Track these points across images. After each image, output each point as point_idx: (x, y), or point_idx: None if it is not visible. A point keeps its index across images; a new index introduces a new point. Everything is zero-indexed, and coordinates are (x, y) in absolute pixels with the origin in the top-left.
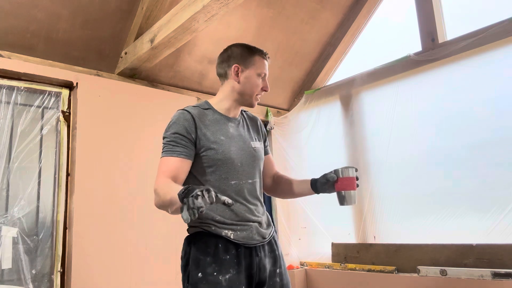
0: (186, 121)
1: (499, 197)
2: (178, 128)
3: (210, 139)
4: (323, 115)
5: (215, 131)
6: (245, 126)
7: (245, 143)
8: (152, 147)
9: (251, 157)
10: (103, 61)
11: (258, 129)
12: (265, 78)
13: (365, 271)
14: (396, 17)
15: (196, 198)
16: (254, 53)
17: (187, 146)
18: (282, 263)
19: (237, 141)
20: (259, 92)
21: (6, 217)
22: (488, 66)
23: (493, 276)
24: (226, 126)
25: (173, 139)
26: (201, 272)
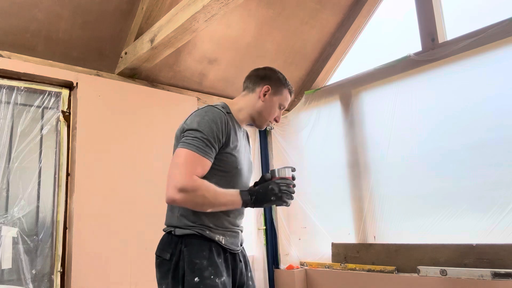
0: (222, 123)
1: (499, 197)
2: (216, 128)
3: (235, 146)
4: (323, 115)
5: (235, 138)
6: (245, 138)
7: (248, 155)
8: (151, 147)
9: (250, 169)
10: (103, 61)
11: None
12: (280, 112)
13: (365, 271)
14: (396, 17)
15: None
16: (286, 86)
17: (215, 149)
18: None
19: (244, 153)
20: (272, 120)
21: (6, 217)
22: (488, 66)
23: (493, 276)
24: (240, 136)
25: (207, 139)
26: (198, 276)
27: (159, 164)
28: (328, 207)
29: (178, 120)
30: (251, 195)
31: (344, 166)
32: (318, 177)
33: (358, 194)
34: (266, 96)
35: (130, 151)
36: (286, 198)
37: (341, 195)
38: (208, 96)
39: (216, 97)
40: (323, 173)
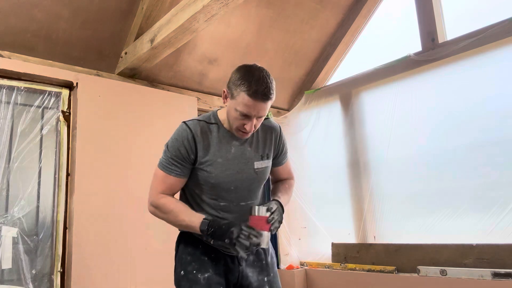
0: (187, 141)
1: (499, 197)
2: (179, 147)
3: (207, 161)
4: (323, 115)
5: (214, 151)
6: (253, 142)
7: (247, 165)
8: (152, 147)
9: (249, 180)
10: (103, 61)
11: (272, 142)
12: (250, 119)
13: (365, 271)
14: (396, 17)
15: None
16: (243, 87)
17: (184, 166)
18: (271, 271)
19: (236, 163)
20: (240, 128)
21: (6, 217)
22: (488, 66)
23: (493, 276)
24: (229, 146)
25: (172, 157)
26: (183, 270)
27: None
28: (328, 207)
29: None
30: (211, 227)
31: (344, 166)
32: (318, 177)
33: (358, 194)
34: (226, 101)
35: (130, 151)
36: (239, 247)
37: (341, 195)
38: (208, 96)
39: (216, 97)
40: (323, 173)
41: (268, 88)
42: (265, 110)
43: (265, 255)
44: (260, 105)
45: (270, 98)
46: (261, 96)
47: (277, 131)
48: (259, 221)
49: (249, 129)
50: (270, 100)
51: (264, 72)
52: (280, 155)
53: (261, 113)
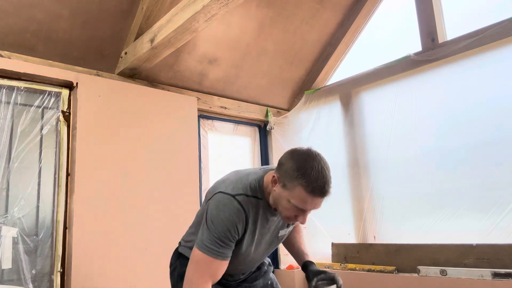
0: (240, 223)
1: (499, 197)
2: (230, 228)
3: (250, 240)
4: (323, 115)
5: (255, 229)
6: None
7: (275, 234)
8: (151, 146)
9: (270, 245)
10: (103, 61)
11: None
12: (305, 213)
13: (365, 271)
14: (396, 17)
15: None
16: (298, 179)
17: (231, 248)
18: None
19: (268, 237)
20: (291, 218)
21: (6, 217)
22: (488, 66)
23: (493, 276)
24: (267, 222)
25: (221, 240)
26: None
27: (159, 163)
28: (328, 207)
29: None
30: None
31: (344, 166)
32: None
33: (358, 194)
34: (275, 186)
35: (130, 151)
36: None
37: (341, 195)
38: (208, 96)
39: (216, 97)
40: None
41: (328, 183)
42: (321, 203)
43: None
44: (319, 200)
45: (329, 193)
46: (321, 193)
47: None
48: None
49: (302, 222)
50: (326, 196)
51: (322, 163)
52: None
53: (317, 207)
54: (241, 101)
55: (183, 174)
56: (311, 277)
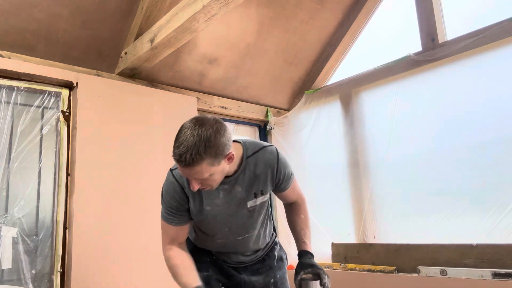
0: (177, 194)
1: (499, 197)
2: (170, 201)
3: (195, 210)
4: (323, 115)
5: (201, 200)
6: (245, 181)
7: (239, 206)
8: (151, 146)
9: (242, 220)
10: (103, 61)
11: (267, 176)
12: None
13: (365, 271)
14: (396, 17)
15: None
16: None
17: (181, 215)
18: (277, 273)
19: (227, 207)
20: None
21: (6, 217)
22: (488, 66)
23: (493, 276)
24: (217, 191)
25: (167, 209)
26: None
27: (159, 163)
28: (328, 207)
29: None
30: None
31: (344, 166)
32: (318, 177)
33: (358, 194)
34: None
35: (130, 151)
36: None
37: (341, 195)
38: (208, 96)
39: (216, 97)
40: (323, 173)
41: (189, 153)
42: (197, 174)
43: (270, 260)
44: (185, 170)
45: (192, 164)
46: (182, 164)
47: (273, 163)
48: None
49: (193, 189)
50: (194, 165)
51: (191, 132)
52: (282, 183)
53: (195, 177)
54: (241, 101)
55: None
56: (298, 271)
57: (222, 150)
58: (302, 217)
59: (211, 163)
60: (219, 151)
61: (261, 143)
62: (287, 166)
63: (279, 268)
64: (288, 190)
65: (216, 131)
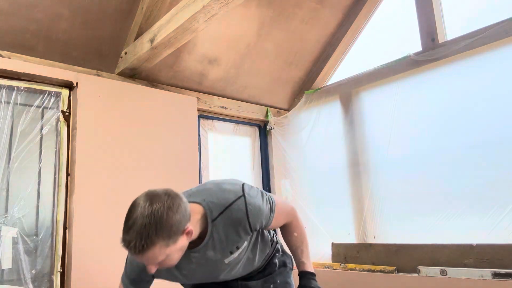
0: (138, 267)
1: (499, 197)
2: (131, 272)
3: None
4: (323, 115)
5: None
6: (216, 245)
7: (216, 266)
8: (151, 146)
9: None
10: (103, 61)
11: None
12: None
13: (365, 271)
14: (396, 17)
15: None
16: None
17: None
18: (278, 278)
19: (204, 270)
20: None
21: (6, 217)
22: (488, 66)
23: (493, 276)
24: (188, 259)
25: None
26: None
27: (158, 163)
28: (328, 207)
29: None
30: None
31: (344, 166)
32: (318, 177)
33: (358, 194)
34: None
35: (130, 151)
36: None
37: (341, 195)
38: (208, 96)
39: (216, 97)
40: (323, 173)
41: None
42: (151, 260)
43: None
44: (138, 257)
45: (143, 251)
46: (131, 252)
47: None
48: None
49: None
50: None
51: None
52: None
53: (150, 263)
54: (241, 101)
55: (183, 174)
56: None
57: (177, 229)
58: (295, 235)
59: (166, 245)
60: (173, 230)
61: (226, 199)
62: (261, 214)
63: (281, 273)
64: (275, 221)
65: (168, 208)
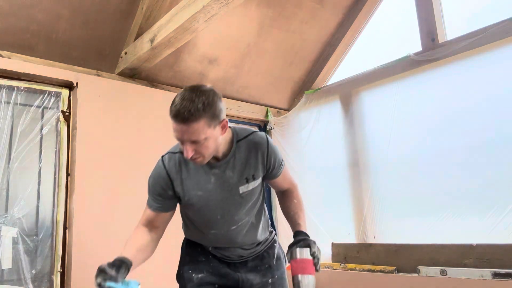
0: (161, 178)
1: (499, 197)
2: (155, 185)
3: (187, 195)
4: (323, 115)
5: (192, 186)
6: (236, 165)
7: (231, 192)
8: (152, 146)
9: (235, 206)
10: (103, 61)
11: (258, 160)
12: (185, 145)
13: (365, 271)
14: (396, 17)
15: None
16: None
17: (163, 202)
18: (275, 273)
19: (219, 193)
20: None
21: (6, 217)
22: (488, 66)
23: (493, 276)
24: (208, 176)
25: (151, 193)
26: (181, 269)
27: None
28: (328, 207)
29: None
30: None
31: (344, 166)
32: (318, 177)
33: (358, 194)
34: None
35: (130, 151)
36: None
37: (341, 195)
38: None
39: None
40: (323, 173)
41: (187, 108)
42: (194, 133)
43: (269, 257)
44: (182, 127)
45: (190, 119)
46: (180, 119)
47: (263, 147)
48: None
49: (186, 156)
50: (192, 121)
51: (189, 92)
52: (273, 170)
53: (191, 138)
54: (241, 101)
55: None
56: (291, 245)
57: (219, 114)
58: (295, 202)
59: (208, 124)
60: (217, 112)
61: (250, 129)
62: (278, 153)
63: (278, 268)
64: (279, 177)
65: (214, 94)
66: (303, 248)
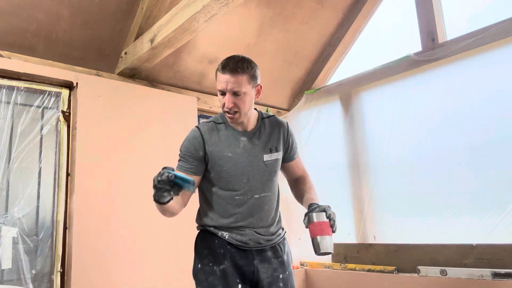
0: (195, 139)
1: (499, 197)
2: (188, 146)
3: (217, 156)
4: (323, 115)
5: (223, 148)
6: (261, 136)
7: (256, 157)
8: (152, 146)
9: (260, 173)
10: (103, 61)
11: (280, 136)
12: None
13: (365, 271)
14: (396, 17)
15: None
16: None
17: (194, 163)
18: (286, 269)
19: (246, 157)
20: (224, 109)
21: (6, 217)
22: (488, 66)
23: (493, 276)
24: (237, 141)
25: (183, 155)
26: (200, 262)
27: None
28: None
29: (178, 120)
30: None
31: (344, 166)
32: (318, 177)
33: (358, 194)
34: None
35: (130, 151)
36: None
37: (341, 195)
38: (208, 96)
39: (216, 97)
40: (323, 173)
41: (235, 61)
42: (236, 84)
43: (281, 252)
44: (228, 78)
45: (236, 71)
46: (228, 69)
47: (285, 126)
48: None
49: (227, 106)
50: (237, 73)
51: (236, 56)
52: (291, 150)
53: (234, 88)
54: None
55: None
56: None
57: (257, 77)
58: (308, 185)
59: (248, 81)
60: (256, 75)
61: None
62: (294, 136)
63: (289, 264)
64: (295, 162)
65: (254, 63)
66: (320, 212)
